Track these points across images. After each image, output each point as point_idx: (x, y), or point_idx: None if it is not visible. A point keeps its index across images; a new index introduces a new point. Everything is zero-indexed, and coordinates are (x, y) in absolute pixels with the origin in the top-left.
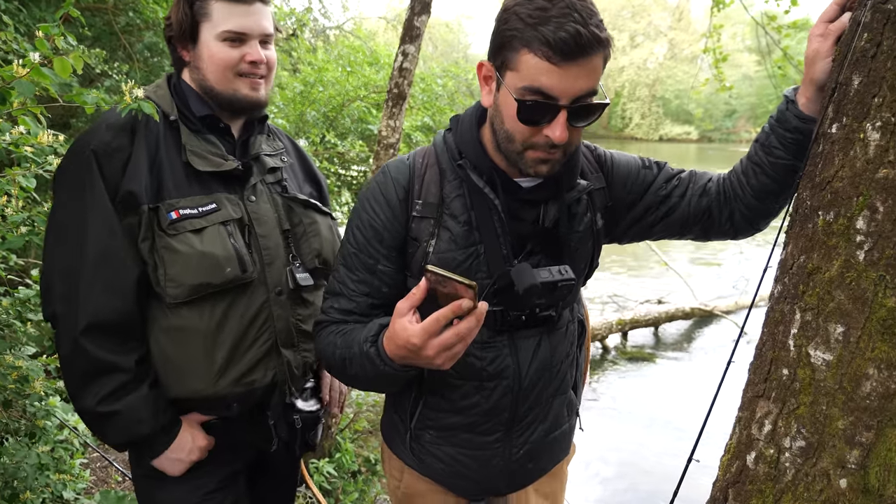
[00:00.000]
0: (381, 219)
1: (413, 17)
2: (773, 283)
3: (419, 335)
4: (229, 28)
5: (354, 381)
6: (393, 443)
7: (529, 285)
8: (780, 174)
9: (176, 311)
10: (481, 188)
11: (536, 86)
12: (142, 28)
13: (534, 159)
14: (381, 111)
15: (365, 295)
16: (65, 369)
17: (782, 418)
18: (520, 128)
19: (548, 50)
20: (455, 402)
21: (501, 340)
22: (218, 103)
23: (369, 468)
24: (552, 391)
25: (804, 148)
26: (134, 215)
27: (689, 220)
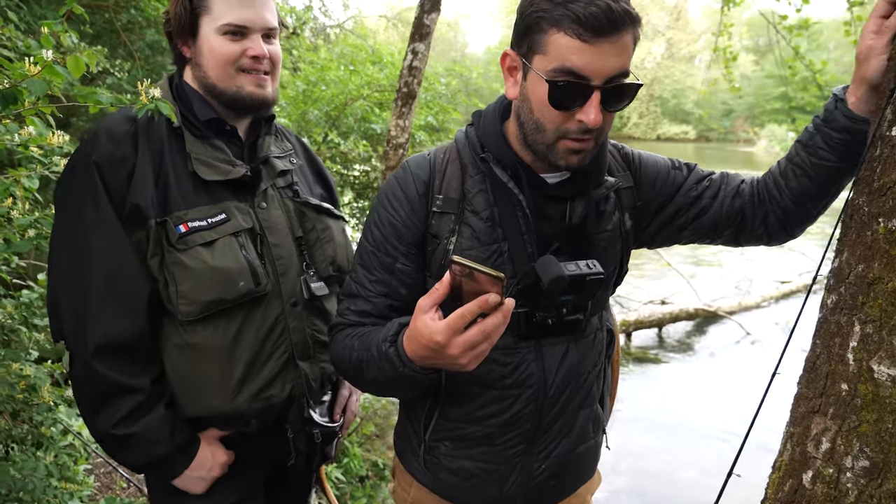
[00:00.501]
0: (399, 215)
1: (423, 14)
2: (826, 293)
3: (443, 332)
4: (230, 21)
5: (372, 386)
6: (405, 457)
7: (555, 276)
8: (823, 177)
9: (189, 328)
10: (505, 182)
11: (567, 66)
12: (143, 26)
13: (566, 149)
14: (383, 110)
15: (382, 296)
16: (77, 391)
17: (842, 436)
18: (551, 114)
19: (578, 27)
20: (472, 411)
21: (527, 346)
22: (222, 102)
23: (377, 473)
24: (578, 402)
25: (852, 149)
26: (141, 230)
27: (720, 223)
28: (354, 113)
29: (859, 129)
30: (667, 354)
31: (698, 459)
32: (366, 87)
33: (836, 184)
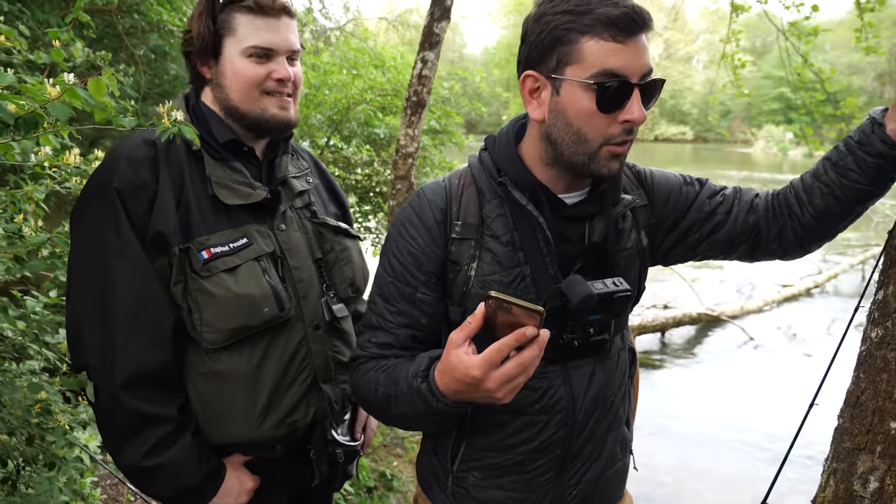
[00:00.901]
0: (418, 243)
1: (433, 23)
2: (869, 326)
3: (480, 367)
4: (255, 43)
5: (400, 420)
6: (430, 490)
7: (585, 295)
8: (851, 198)
9: (214, 355)
10: (524, 205)
11: (608, 68)
12: (146, 30)
13: (608, 155)
14: (386, 114)
15: (404, 326)
16: (103, 424)
17: (891, 476)
18: (596, 121)
19: (612, 29)
20: (502, 440)
21: (554, 370)
22: (245, 124)
23: (385, 483)
24: (606, 426)
25: (885, 174)
26: (164, 257)
27: (735, 239)
28: (357, 117)
29: (895, 156)
30: (670, 359)
31: (706, 466)
32: (369, 92)
33: (862, 204)
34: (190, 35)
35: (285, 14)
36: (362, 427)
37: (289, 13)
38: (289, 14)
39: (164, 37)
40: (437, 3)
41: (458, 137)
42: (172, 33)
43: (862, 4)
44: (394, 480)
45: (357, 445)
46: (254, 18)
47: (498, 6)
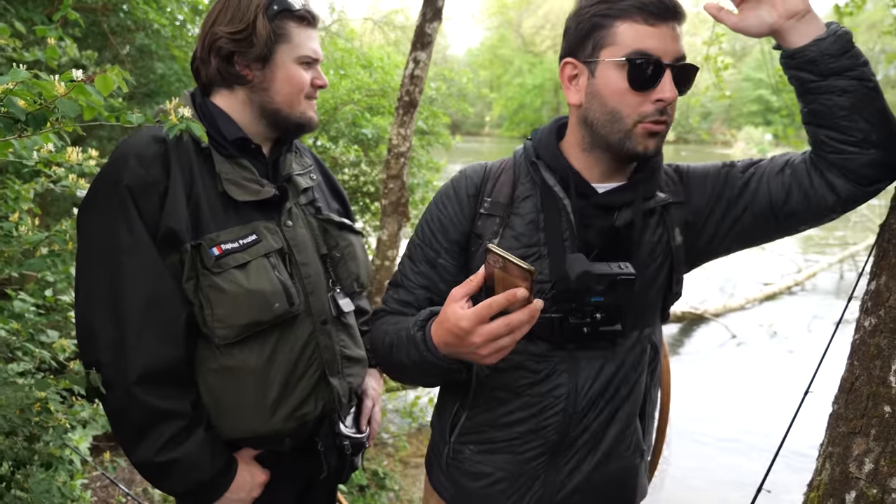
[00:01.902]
0: (448, 211)
1: (424, 23)
2: (863, 315)
3: (469, 319)
4: (308, 53)
5: (398, 370)
6: (432, 471)
7: (581, 271)
8: (830, 103)
9: (226, 351)
10: (551, 186)
11: (641, 49)
12: (132, 29)
13: (643, 133)
14: (374, 114)
15: (423, 288)
16: (117, 421)
17: (885, 457)
18: (628, 99)
19: (645, 13)
20: (500, 417)
21: (559, 356)
22: (281, 126)
23: (377, 482)
24: (607, 418)
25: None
26: (175, 254)
27: (775, 201)
28: (345, 117)
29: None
30: None
31: (692, 462)
32: (356, 92)
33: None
34: (240, 36)
35: (316, 25)
36: (367, 419)
37: (317, 24)
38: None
39: (150, 36)
40: (429, 3)
41: (445, 138)
42: (159, 32)
43: (841, 9)
44: (386, 479)
45: (363, 437)
46: (305, 28)
47: (481, 8)
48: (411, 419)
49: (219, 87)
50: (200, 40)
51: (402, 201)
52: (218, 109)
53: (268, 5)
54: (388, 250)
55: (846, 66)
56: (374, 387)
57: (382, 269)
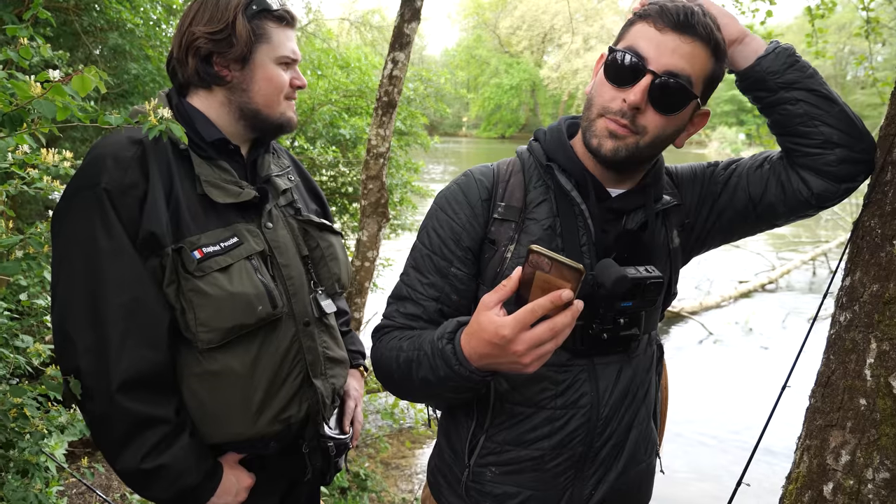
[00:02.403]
0: (460, 218)
1: (403, 23)
2: (838, 310)
3: (511, 326)
4: (287, 53)
5: (422, 388)
6: (441, 493)
7: (618, 276)
8: (786, 113)
9: (209, 355)
10: (568, 191)
11: (632, 45)
12: (105, 29)
13: (603, 129)
14: (352, 115)
15: (434, 300)
16: (98, 428)
17: (861, 449)
18: (602, 89)
19: (656, 17)
20: (522, 434)
21: (580, 364)
22: (263, 127)
23: (358, 483)
24: (628, 423)
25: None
26: (155, 258)
27: (754, 195)
28: (322, 118)
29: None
30: None
31: (673, 458)
32: (333, 93)
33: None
34: (218, 37)
35: (295, 26)
36: (350, 421)
37: (296, 25)
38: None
39: (124, 36)
40: (407, 4)
41: (424, 138)
42: (133, 32)
43: (812, 10)
44: (367, 480)
45: (347, 438)
46: (284, 28)
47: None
48: (392, 420)
49: (196, 88)
50: (177, 40)
51: (382, 202)
52: (195, 110)
53: (247, 5)
54: (367, 251)
55: (792, 79)
56: (355, 387)
57: (362, 269)
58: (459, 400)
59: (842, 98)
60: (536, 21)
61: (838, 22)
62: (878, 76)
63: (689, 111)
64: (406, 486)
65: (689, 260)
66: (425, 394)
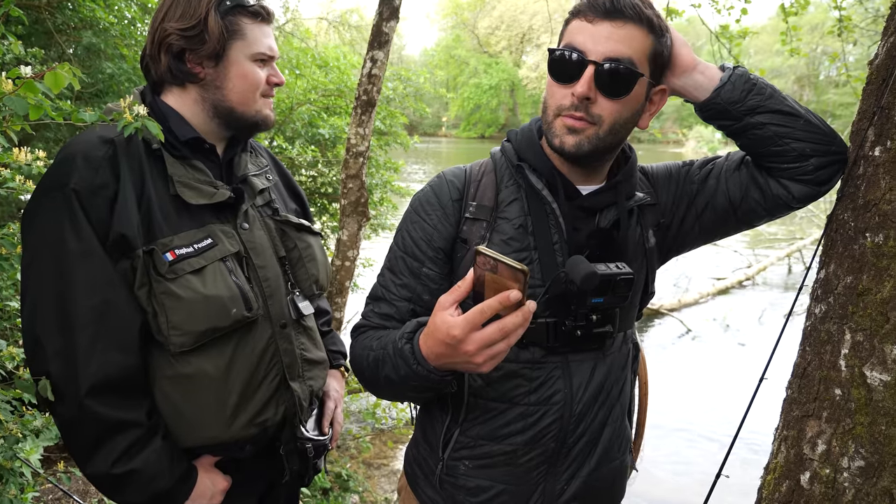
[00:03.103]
0: (431, 219)
1: (381, 22)
2: (813, 302)
3: (461, 326)
4: (263, 50)
5: (386, 386)
6: (417, 484)
7: (588, 273)
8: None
9: (182, 358)
10: (539, 190)
11: (570, 42)
12: (79, 27)
13: (562, 126)
14: (331, 115)
15: (406, 300)
16: (69, 433)
17: (837, 438)
18: (553, 90)
19: (586, 10)
20: (496, 429)
21: (554, 361)
22: (238, 124)
23: (341, 484)
24: (602, 420)
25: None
26: (126, 260)
27: (734, 198)
28: (301, 117)
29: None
30: None
31: (652, 453)
32: (312, 92)
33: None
34: (189, 33)
35: (271, 22)
36: (329, 422)
37: (272, 21)
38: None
39: (98, 34)
40: (386, 2)
41: (403, 138)
42: (107, 31)
43: (786, 8)
44: (350, 481)
45: (326, 440)
46: (259, 25)
47: (436, 8)
48: (374, 420)
49: (170, 86)
50: (150, 37)
51: (362, 201)
52: (169, 108)
53: (220, 1)
54: (348, 251)
55: (754, 104)
56: (336, 388)
57: (342, 269)
58: (423, 399)
59: (803, 106)
60: (515, 21)
61: (811, 22)
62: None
63: (641, 91)
64: (389, 486)
65: (668, 260)
66: (391, 392)
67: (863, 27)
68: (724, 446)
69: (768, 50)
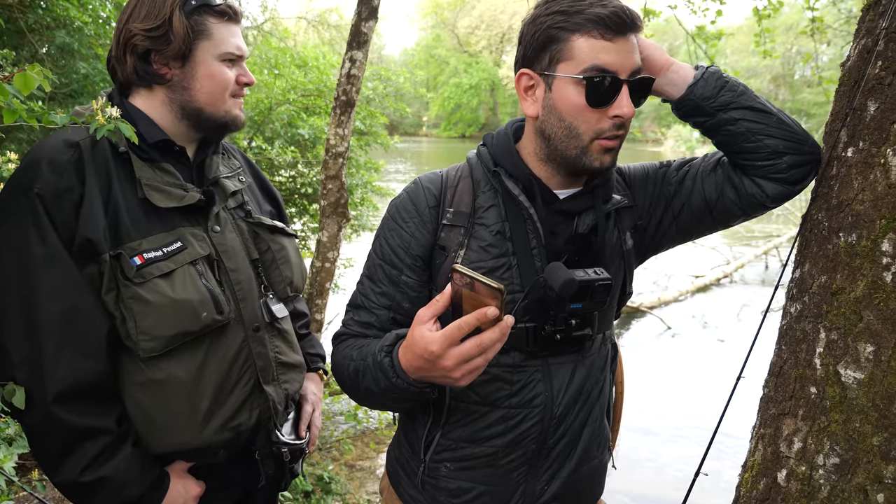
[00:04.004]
0: (409, 227)
1: (360, 22)
2: (789, 302)
3: (439, 342)
4: (231, 49)
5: (367, 396)
6: (399, 484)
7: (566, 279)
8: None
9: (151, 364)
10: (516, 196)
11: (598, 64)
12: (52, 27)
13: (600, 149)
14: (310, 115)
15: (386, 308)
16: (36, 441)
17: (812, 436)
18: (586, 115)
19: (602, 28)
20: (477, 431)
21: (534, 365)
22: (207, 125)
23: (322, 487)
24: (582, 420)
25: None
26: (93, 265)
27: (709, 199)
28: (280, 118)
29: (681, 109)
30: None
31: (636, 454)
32: (291, 92)
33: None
34: (155, 34)
35: (239, 21)
36: (307, 425)
37: (240, 20)
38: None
39: (72, 34)
40: (364, 2)
41: (384, 138)
42: (81, 30)
43: (760, 11)
44: (332, 483)
45: (303, 444)
46: (227, 24)
47: (416, 8)
48: (356, 422)
49: (137, 87)
50: (115, 38)
51: (342, 202)
52: (137, 111)
53: (185, 1)
54: (328, 252)
55: (726, 101)
56: (313, 391)
57: (323, 270)
58: (403, 409)
59: (775, 106)
60: (495, 21)
61: (785, 23)
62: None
63: None
64: (371, 488)
65: (645, 259)
66: (371, 401)
67: (836, 28)
68: (704, 442)
69: (744, 50)
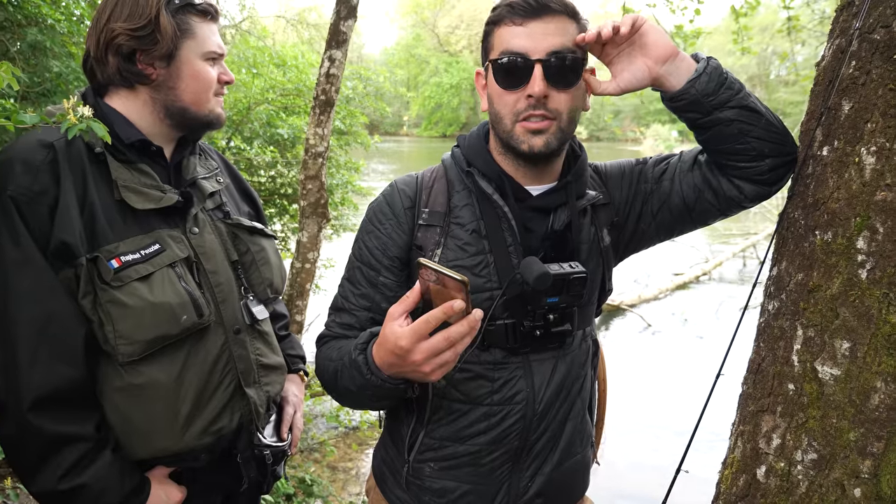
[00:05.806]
0: (385, 229)
1: (339, 21)
2: (766, 299)
3: (408, 337)
4: (213, 48)
5: (345, 395)
6: (385, 484)
7: (540, 273)
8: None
9: (131, 368)
10: (490, 194)
11: (507, 48)
12: (23, 24)
13: (524, 131)
14: (290, 114)
15: (365, 309)
16: (11, 450)
17: (791, 432)
18: (504, 98)
19: (513, 14)
20: (460, 430)
21: (515, 362)
22: (191, 124)
23: (304, 489)
24: (563, 416)
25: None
26: (69, 268)
27: (688, 197)
28: (259, 117)
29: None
30: None
31: (617, 451)
32: (270, 91)
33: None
34: (140, 34)
35: (218, 19)
36: (289, 427)
37: (219, 18)
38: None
39: (44, 32)
40: (343, 1)
41: (364, 137)
42: (54, 28)
43: (737, 9)
44: (314, 486)
45: (285, 446)
46: (208, 23)
47: (396, 7)
48: (338, 423)
49: (116, 88)
50: (93, 38)
51: (322, 202)
52: (113, 111)
53: (168, 0)
54: (308, 252)
55: (725, 99)
56: (295, 393)
57: (303, 271)
58: (382, 406)
59: (764, 104)
60: (475, 20)
61: (762, 23)
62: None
63: (581, 76)
64: (354, 490)
65: (626, 257)
66: (351, 401)
67: (810, 28)
68: (685, 439)
69: (721, 49)
